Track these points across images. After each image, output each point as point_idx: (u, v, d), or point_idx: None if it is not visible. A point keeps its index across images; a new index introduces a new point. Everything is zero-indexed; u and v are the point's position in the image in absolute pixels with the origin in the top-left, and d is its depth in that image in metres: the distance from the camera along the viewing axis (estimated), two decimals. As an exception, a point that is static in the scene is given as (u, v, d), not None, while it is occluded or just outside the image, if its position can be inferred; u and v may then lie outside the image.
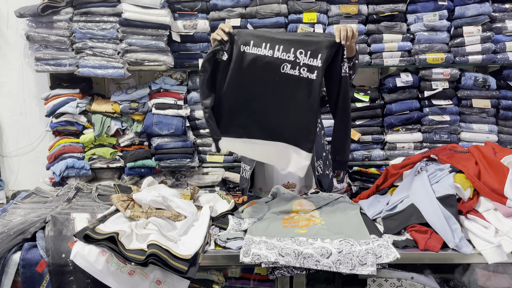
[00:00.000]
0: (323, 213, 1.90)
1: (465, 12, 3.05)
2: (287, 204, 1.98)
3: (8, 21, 3.18)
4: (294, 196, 2.06)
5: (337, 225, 1.76)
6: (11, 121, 3.28)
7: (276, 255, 1.53)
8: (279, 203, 2.02)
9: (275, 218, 1.86)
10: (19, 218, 1.81)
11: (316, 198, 2.05)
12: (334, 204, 1.97)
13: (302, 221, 1.83)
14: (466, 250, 1.59)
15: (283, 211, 1.94)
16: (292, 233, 1.71)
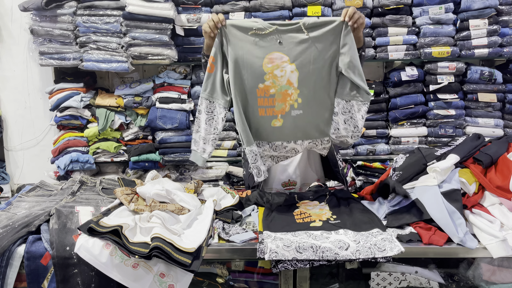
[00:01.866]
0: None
1: (472, 5, 3.02)
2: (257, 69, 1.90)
3: (12, 15, 3.18)
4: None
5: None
6: (15, 115, 3.29)
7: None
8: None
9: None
10: (24, 211, 1.82)
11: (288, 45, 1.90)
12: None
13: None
14: (471, 244, 1.58)
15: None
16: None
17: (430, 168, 1.78)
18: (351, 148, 3.21)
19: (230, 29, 1.87)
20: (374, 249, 1.54)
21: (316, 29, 1.86)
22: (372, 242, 1.56)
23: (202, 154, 2.02)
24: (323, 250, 1.54)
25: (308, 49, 1.87)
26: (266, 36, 1.86)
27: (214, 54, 1.89)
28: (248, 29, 1.85)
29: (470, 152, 1.84)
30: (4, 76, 3.24)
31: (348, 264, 1.73)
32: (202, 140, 2.01)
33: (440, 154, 1.87)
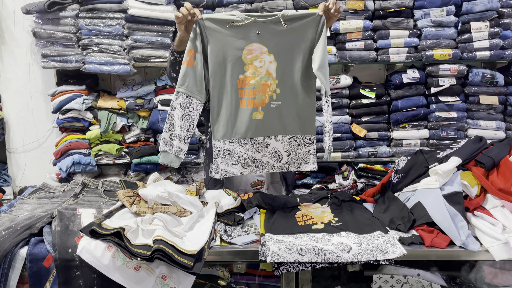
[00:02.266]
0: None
1: (473, 8, 3.02)
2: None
3: (15, 18, 3.19)
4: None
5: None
6: (18, 117, 3.30)
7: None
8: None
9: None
10: (26, 213, 1.83)
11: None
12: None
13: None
14: (473, 247, 1.58)
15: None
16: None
17: (432, 171, 1.78)
18: (352, 150, 3.21)
19: (208, 23, 1.86)
20: (376, 252, 1.54)
21: (294, 22, 1.88)
22: (374, 245, 1.56)
23: (178, 154, 1.93)
24: (325, 253, 1.54)
25: (285, 40, 1.89)
26: (244, 27, 1.87)
27: (193, 48, 1.87)
28: (226, 22, 1.86)
29: (472, 155, 1.84)
30: (6, 78, 3.25)
31: (350, 267, 1.73)
32: (178, 139, 1.91)
33: (442, 157, 1.87)
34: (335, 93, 3.14)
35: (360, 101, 3.16)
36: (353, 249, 1.55)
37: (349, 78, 3.13)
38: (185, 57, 1.87)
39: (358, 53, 3.07)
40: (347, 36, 3.05)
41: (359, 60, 3.08)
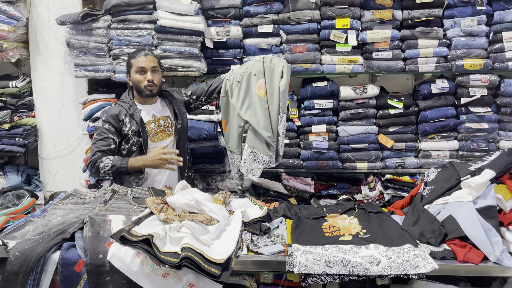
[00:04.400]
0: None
1: (505, 17, 2.95)
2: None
3: (49, 28, 3.30)
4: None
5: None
6: (50, 124, 3.40)
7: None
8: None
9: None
10: (59, 218, 1.88)
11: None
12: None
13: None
14: (508, 263, 1.53)
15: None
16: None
17: (464, 184, 1.74)
18: (379, 161, 3.17)
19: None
20: (406, 265, 1.51)
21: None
22: (404, 258, 1.53)
23: (238, 186, 2.54)
24: (354, 265, 1.52)
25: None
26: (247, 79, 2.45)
27: (225, 118, 2.49)
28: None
29: (506, 167, 1.79)
30: (40, 87, 3.36)
31: (379, 280, 1.70)
32: (235, 177, 2.53)
33: (475, 169, 1.83)
34: (362, 103, 3.11)
35: (388, 111, 3.12)
36: (383, 262, 1.53)
37: (376, 88, 3.10)
38: (222, 125, 2.52)
39: (385, 63, 3.04)
40: (374, 45, 3.02)
41: (386, 70, 3.05)
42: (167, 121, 2.57)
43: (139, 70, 2.48)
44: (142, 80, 2.47)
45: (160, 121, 2.54)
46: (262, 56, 2.60)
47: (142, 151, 2.45)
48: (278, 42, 3.09)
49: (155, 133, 2.51)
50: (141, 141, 2.45)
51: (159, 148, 2.36)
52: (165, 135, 2.55)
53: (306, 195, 3.10)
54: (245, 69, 2.48)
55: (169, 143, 2.55)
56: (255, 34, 3.07)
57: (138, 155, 2.44)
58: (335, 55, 3.05)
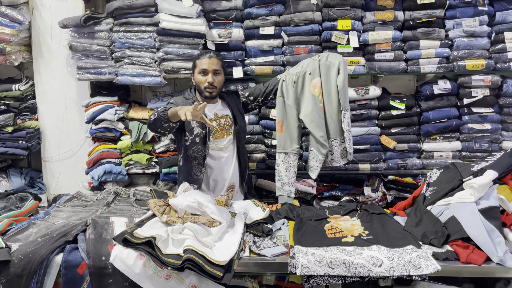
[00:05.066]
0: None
1: (507, 18, 2.94)
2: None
3: (52, 32, 3.32)
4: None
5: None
6: (53, 127, 3.41)
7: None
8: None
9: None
10: (62, 220, 1.89)
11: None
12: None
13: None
14: (511, 264, 1.53)
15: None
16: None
17: (466, 184, 1.74)
18: (381, 162, 3.17)
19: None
20: (409, 267, 1.50)
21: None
22: (407, 259, 1.53)
23: (289, 194, 2.51)
24: (356, 266, 1.52)
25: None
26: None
27: (282, 119, 2.52)
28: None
29: (509, 168, 1.78)
30: (43, 90, 3.37)
31: (381, 281, 1.70)
32: (287, 185, 2.52)
33: (477, 170, 1.82)
34: (364, 104, 3.11)
35: (390, 112, 3.11)
36: (385, 263, 1.53)
37: (378, 89, 3.10)
38: (277, 127, 2.54)
39: (387, 64, 3.04)
40: (376, 47, 3.02)
41: (388, 71, 3.05)
42: (227, 120, 2.59)
43: (202, 71, 2.52)
44: (203, 81, 2.51)
45: (221, 119, 2.57)
46: (318, 54, 2.58)
47: (205, 143, 2.49)
48: (280, 43, 3.09)
49: (216, 131, 2.54)
50: (204, 133, 2.48)
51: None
52: (225, 133, 2.57)
53: (309, 197, 3.10)
54: (300, 69, 2.51)
55: (228, 141, 2.58)
56: (256, 36, 3.08)
57: (201, 146, 2.49)
58: (336, 56, 3.05)
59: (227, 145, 2.59)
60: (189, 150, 2.51)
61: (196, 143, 2.49)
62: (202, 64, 2.53)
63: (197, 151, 2.49)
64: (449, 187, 1.86)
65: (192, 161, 2.52)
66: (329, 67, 2.44)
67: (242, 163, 2.65)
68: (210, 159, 2.54)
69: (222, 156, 2.56)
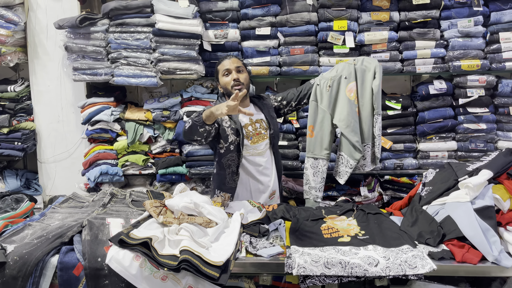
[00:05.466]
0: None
1: (501, 18, 2.96)
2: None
3: (48, 33, 3.31)
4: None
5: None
6: (49, 128, 3.40)
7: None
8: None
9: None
10: (57, 222, 1.88)
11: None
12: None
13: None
14: (506, 263, 1.53)
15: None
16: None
17: (462, 184, 1.75)
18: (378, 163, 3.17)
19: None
20: (404, 266, 1.51)
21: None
22: (403, 259, 1.54)
23: (316, 199, 2.51)
24: (352, 266, 1.52)
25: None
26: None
27: (312, 123, 2.50)
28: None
29: (503, 168, 1.79)
30: (39, 91, 3.36)
31: (377, 281, 1.71)
32: (313, 189, 2.50)
33: (472, 170, 1.83)
34: (360, 105, 3.11)
35: (386, 112, 3.12)
36: (381, 263, 1.53)
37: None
38: (307, 131, 2.52)
39: (383, 64, 3.04)
40: (372, 47, 3.03)
41: (384, 71, 3.05)
42: (262, 124, 2.55)
43: (225, 72, 2.50)
44: (229, 81, 2.48)
45: (256, 124, 2.53)
46: (353, 58, 2.56)
47: (239, 151, 2.44)
48: (276, 44, 3.09)
49: (252, 135, 2.50)
50: (239, 141, 2.44)
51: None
52: (261, 137, 2.52)
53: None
54: (335, 73, 2.49)
55: (265, 146, 2.53)
56: (253, 37, 3.08)
57: (235, 154, 2.45)
58: (333, 57, 3.06)
59: (265, 150, 2.53)
60: (223, 158, 2.46)
61: (230, 151, 2.44)
62: (224, 65, 2.51)
63: (231, 159, 2.45)
64: (444, 186, 1.87)
65: (226, 169, 2.47)
66: (365, 71, 2.42)
67: (278, 169, 2.60)
68: (249, 165, 2.49)
69: (261, 161, 2.50)
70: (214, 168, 2.59)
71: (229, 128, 2.45)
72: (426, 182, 2.02)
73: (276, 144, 2.59)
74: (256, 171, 2.50)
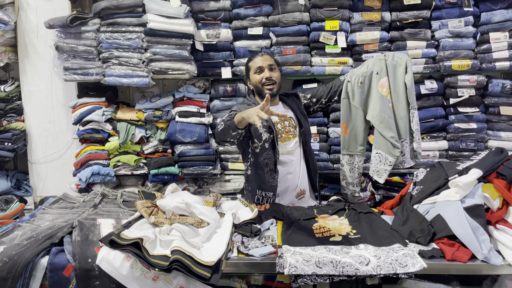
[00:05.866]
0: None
1: (492, 18, 2.99)
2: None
3: (38, 32, 3.29)
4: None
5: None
6: (40, 128, 3.37)
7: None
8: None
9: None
10: (47, 223, 1.86)
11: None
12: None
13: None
14: (495, 261, 1.55)
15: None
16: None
17: (452, 183, 1.76)
18: (369, 162, 3.18)
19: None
20: (395, 265, 1.52)
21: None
22: (394, 258, 1.54)
23: (353, 193, 2.60)
24: (343, 265, 1.53)
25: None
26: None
27: (346, 121, 2.49)
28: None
29: (493, 167, 1.81)
30: (29, 91, 3.34)
31: (368, 280, 1.71)
32: (351, 185, 2.57)
33: (462, 169, 1.84)
34: (352, 104, 3.12)
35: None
36: (372, 262, 1.54)
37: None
38: (341, 129, 2.52)
39: (374, 64, 3.06)
40: (363, 47, 3.05)
41: (376, 71, 3.07)
42: (291, 122, 2.50)
43: (257, 70, 2.44)
44: (260, 79, 2.42)
45: (285, 121, 2.48)
46: (383, 53, 2.53)
47: (274, 148, 2.39)
48: (268, 44, 3.10)
49: (281, 133, 2.46)
50: (272, 138, 2.39)
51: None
52: (291, 136, 2.48)
53: (298, 197, 3.10)
54: (366, 69, 2.46)
55: (294, 144, 2.49)
56: (245, 37, 3.08)
57: (271, 152, 2.39)
58: (325, 57, 3.07)
59: (294, 148, 2.48)
60: (260, 157, 2.41)
61: (266, 149, 2.39)
62: (256, 63, 2.45)
63: (267, 157, 2.40)
64: (435, 186, 1.88)
65: (263, 168, 2.41)
66: (396, 66, 2.39)
67: (312, 167, 2.54)
68: (279, 165, 2.43)
69: (291, 160, 2.46)
70: (247, 169, 2.52)
71: (261, 125, 2.39)
72: (417, 181, 2.03)
73: (308, 142, 2.53)
74: (285, 170, 2.46)
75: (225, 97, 3.20)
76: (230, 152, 3.26)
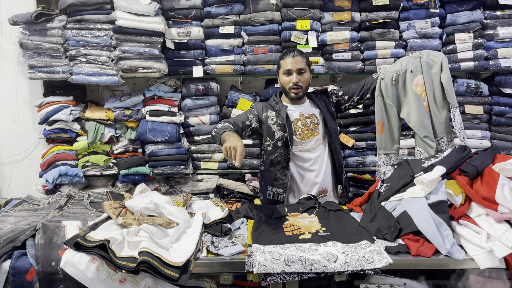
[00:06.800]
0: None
1: (457, 19, 3.07)
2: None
3: (2, 29, 3.18)
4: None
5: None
6: (4, 128, 3.26)
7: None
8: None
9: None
10: (10, 226, 1.80)
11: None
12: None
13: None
14: (458, 255, 1.59)
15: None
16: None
17: (417, 180, 1.80)
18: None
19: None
20: (362, 261, 1.54)
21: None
22: (361, 254, 1.57)
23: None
24: (312, 263, 1.54)
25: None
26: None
27: (381, 119, 2.46)
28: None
29: (456, 164, 1.86)
30: (-7, 90, 3.23)
31: (337, 277, 1.73)
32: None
33: (427, 166, 1.89)
34: (323, 103, 3.16)
35: (348, 111, 3.18)
36: (340, 258, 1.55)
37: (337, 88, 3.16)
38: (377, 128, 2.48)
39: (345, 64, 3.10)
40: (334, 47, 3.08)
41: (346, 70, 3.12)
42: (313, 119, 2.47)
43: (286, 72, 2.41)
44: (287, 82, 2.41)
45: (306, 119, 2.45)
46: (418, 51, 2.51)
47: (288, 146, 2.38)
48: (240, 43, 3.09)
49: (302, 131, 2.43)
50: (287, 137, 2.37)
51: (234, 141, 1.98)
52: (312, 133, 2.45)
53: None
54: (400, 67, 2.45)
55: (315, 142, 2.46)
56: (216, 35, 3.07)
57: (284, 150, 2.39)
58: (296, 56, 3.08)
59: (315, 146, 2.46)
60: (272, 155, 2.40)
61: (278, 147, 2.39)
62: (286, 64, 2.41)
63: (280, 155, 2.39)
64: (401, 183, 1.92)
65: (275, 165, 2.42)
66: (431, 65, 2.39)
67: (338, 166, 2.52)
68: (297, 161, 2.43)
69: (310, 157, 2.43)
70: (260, 165, 2.55)
71: (275, 124, 2.41)
72: (384, 179, 2.07)
73: (334, 140, 2.50)
74: (302, 168, 2.45)
75: (197, 96, 3.18)
76: (203, 152, 3.24)
